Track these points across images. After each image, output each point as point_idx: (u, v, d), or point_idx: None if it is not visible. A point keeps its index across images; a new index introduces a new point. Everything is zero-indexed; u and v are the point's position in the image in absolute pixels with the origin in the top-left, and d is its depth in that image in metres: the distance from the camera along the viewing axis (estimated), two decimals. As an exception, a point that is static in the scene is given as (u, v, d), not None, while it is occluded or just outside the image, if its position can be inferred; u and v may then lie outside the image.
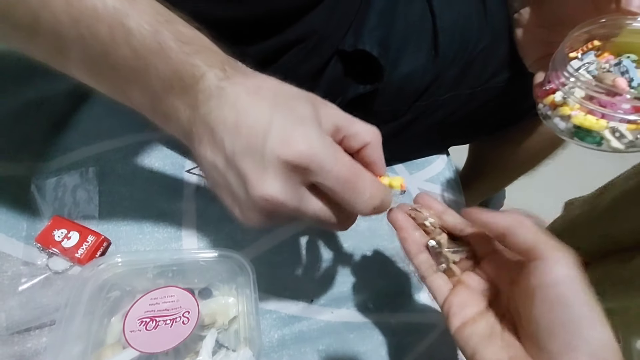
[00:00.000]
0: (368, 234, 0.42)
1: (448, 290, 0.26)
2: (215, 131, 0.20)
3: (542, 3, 0.35)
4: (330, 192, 0.21)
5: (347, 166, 0.20)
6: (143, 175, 0.41)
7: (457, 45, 0.38)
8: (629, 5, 0.26)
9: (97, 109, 0.45)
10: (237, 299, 0.35)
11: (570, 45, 0.30)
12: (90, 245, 0.34)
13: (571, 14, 0.31)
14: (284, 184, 0.20)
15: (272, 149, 0.19)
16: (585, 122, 0.27)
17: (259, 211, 0.21)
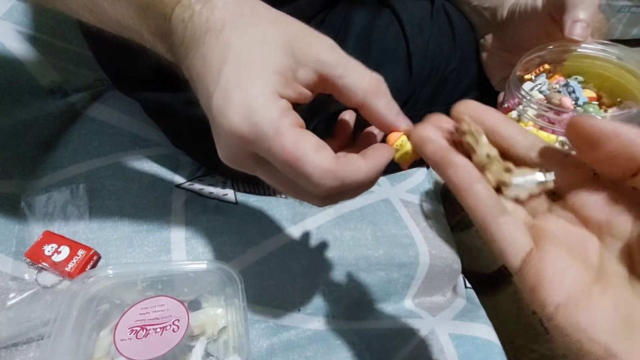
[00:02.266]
0: (352, 243, 0.44)
1: (528, 242, 0.16)
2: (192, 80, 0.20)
3: (503, 30, 0.39)
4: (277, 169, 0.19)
5: (288, 147, 0.17)
6: (133, 190, 0.42)
7: (430, 66, 0.42)
8: (572, 34, 0.29)
9: (87, 129, 0.47)
10: (226, 310, 0.36)
11: (526, 68, 0.33)
12: (81, 259, 0.34)
13: (527, 39, 0.35)
14: (231, 149, 0.19)
15: (214, 116, 0.18)
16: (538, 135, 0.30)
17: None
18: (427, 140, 0.19)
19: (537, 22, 0.34)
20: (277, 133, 0.17)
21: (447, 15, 0.44)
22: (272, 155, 0.18)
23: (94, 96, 0.49)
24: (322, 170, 0.18)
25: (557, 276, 0.15)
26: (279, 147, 0.17)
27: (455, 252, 0.48)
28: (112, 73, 0.40)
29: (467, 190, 0.17)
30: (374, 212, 0.47)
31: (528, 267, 0.16)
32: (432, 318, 0.43)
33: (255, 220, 0.43)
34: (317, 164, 0.18)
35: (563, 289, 0.15)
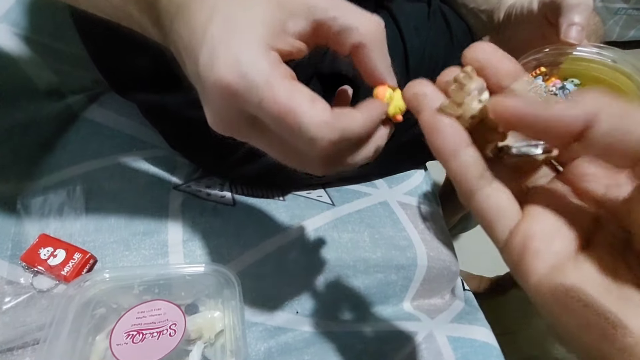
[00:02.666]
0: (350, 245, 0.44)
1: (517, 212, 0.15)
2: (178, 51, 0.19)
3: (499, 32, 0.39)
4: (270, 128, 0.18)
5: (281, 98, 0.16)
6: (130, 192, 0.42)
7: (427, 66, 0.42)
8: (567, 37, 0.30)
9: (85, 130, 0.47)
10: (224, 313, 0.36)
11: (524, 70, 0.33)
12: (77, 262, 0.34)
13: (523, 42, 0.35)
14: (220, 109, 0.18)
15: (200, 76, 0.17)
16: None
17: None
18: (418, 98, 0.17)
19: (533, 25, 0.34)
20: (267, 84, 0.16)
21: (444, 17, 0.44)
22: (264, 109, 0.16)
23: (91, 98, 0.49)
24: (318, 122, 0.16)
25: (543, 245, 0.14)
26: (270, 99, 0.16)
27: (453, 254, 0.48)
28: (109, 75, 0.40)
29: (452, 157, 0.15)
30: (372, 214, 0.47)
31: (514, 238, 0.15)
32: (430, 320, 0.43)
33: (253, 222, 0.43)
34: (312, 114, 0.16)
35: (548, 259, 0.14)
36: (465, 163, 0.15)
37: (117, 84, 0.40)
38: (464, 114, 0.15)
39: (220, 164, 0.45)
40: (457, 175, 0.15)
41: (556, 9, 0.31)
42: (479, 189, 0.15)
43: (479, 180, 0.15)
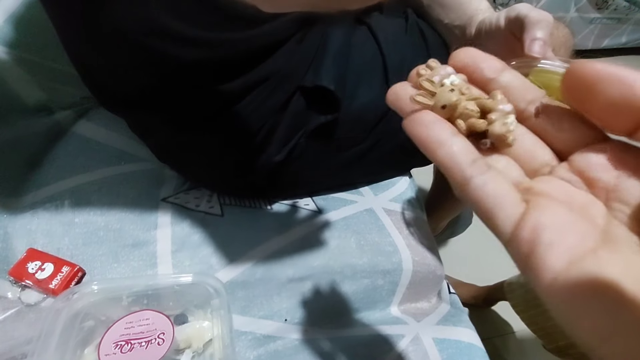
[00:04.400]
0: (337, 252, 0.45)
1: (519, 202, 0.14)
2: None
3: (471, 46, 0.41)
4: None
5: None
6: (118, 205, 0.42)
7: (406, 77, 0.44)
8: (531, 51, 0.32)
9: (73, 146, 0.47)
10: (212, 322, 0.37)
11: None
12: (65, 275, 0.34)
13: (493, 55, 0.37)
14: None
15: None
16: None
17: None
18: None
19: (501, 39, 0.36)
20: None
21: (421, 31, 0.46)
22: None
23: (79, 113, 0.50)
24: None
25: (557, 238, 0.12)
26: None
27: (437, 258, 0.50)
28: (97, 92, 0.41)
29: (439, 146, 0.14)
30: (358, 221, 0.49)
31: (522, 230, 0.13)
32: (416, 323, 0.44)
33: (241, 232, 0.44)
34: None
35: (564, 252, 0.12)
36: (454, 150, 0.14)
37: (106, 100, 0.41)
38: (436, 104, 0.15)
39: (209, 175, 0.46)
40: (447, 163, 0.14)
41: (520, 25, 0.34)
42: (473, 176, 0.14)
43: (472, 166, 0.14)
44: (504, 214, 0.14)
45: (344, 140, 0.44)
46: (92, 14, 0.30)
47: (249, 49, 0.35)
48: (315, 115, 0.41)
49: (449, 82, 0.16)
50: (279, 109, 0.39)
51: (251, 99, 0.37)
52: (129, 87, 0.36)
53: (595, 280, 0.11)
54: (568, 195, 0.14)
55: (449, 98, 0.15)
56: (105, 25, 0.31)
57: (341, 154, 0.45)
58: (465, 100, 0.15)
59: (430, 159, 0.15)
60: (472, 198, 0.14)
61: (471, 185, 0.14)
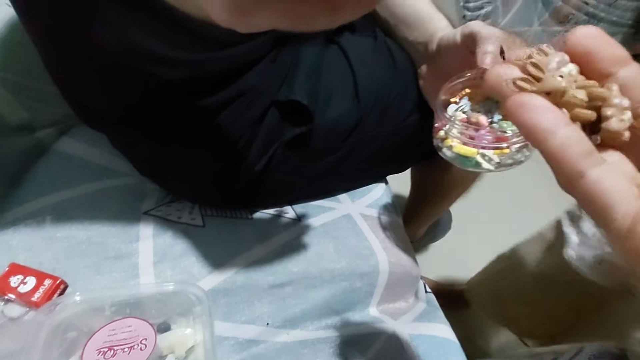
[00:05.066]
0: (316, 257, 0.47)
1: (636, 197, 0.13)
2: None
3: (433, 61, 0.45)
4: None
5: None
6: (100, 220, 0.43)
7: (375, 93, 0.47)
8: (483, 63, 0.35)
9: (55, 163, 0.48)
10: (194, 329, 0.38)
11: (451, 92, 0.39)
12: (47, 288, 0.35)
13: (452, 68, 0.40)
14: None
15: None
16: (462, 150, 0.35)
17: None
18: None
19: (458, 53, 0.40)
20: None
21: (388, 49, 0.50)
22: None
23: (62, 131, 0.51)
24: None
25: None
26: None
27: (413, 259, 0.52)
28: (79, 110, 0.42)
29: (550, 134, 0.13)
30: (336, 227, 0.51)
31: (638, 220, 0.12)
32: (393, 322, 0.46)
33: (222, 242, 0.46)
34: None
35: None
36: (567, 140, 0.13)
37: (88, 117, 0.42)
38: (540, 88, 0.14)
39: (190, 187, 0.47)
40: (558, 155, 0.13)
41: (473, 40, 0.37)
42: (587, 169, 0.13)
43: (587, 158, 0.13)
44: (620, 209, 0.13)
45: (318, 150, 0.46)
46: (72, 38, 0.32)
47: (225, 68, 0.38)
48: (290, 127, 0.43)
49: (567, 72, 0.14)
50: (256, 122, 0.42)
51: (228, 113, 0.40)
52: (110, 104, 0.38)
53: None
54: None
55: (557, 84, 0.14)
56: (85, 47, 0.33)
57: (317, 163, 0.47)
58: (575, 89, 0.14)
59: (537, 148, 0.14)
60: (585, 192, 0.13)
61: (585, 180, 0.13)
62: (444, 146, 0.38)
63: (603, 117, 0.14)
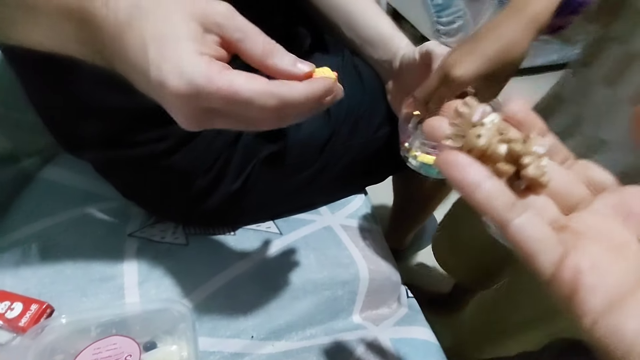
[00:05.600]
0: (298, 269, 0.48)
1: (557, 243, 0.14)
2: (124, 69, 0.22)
3: (397, 77, 0.48)
4: None
5: (223, 87, 0.20)
6: (85, 243, 0.45)
7: (345, 108, 0.50)
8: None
9: (39, 191, 0.50)
10: (179, 346, 0.39)
11: (413, 106, 0.42)
12: (34, 313, 0.36)
13: (414, 83, 0.44)
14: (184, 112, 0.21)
15: (159, 93, 0.21)
16: (425, 159, 0.38)
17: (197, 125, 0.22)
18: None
19: (418, 70, 0.43)
20: (209, 81, 0.20)
21: (355, 67, 0.53)
22: (214, 100, 0.20)
23: (46, 159, 0.53)
24: (259, 93, 0.20)
25: (597, 280, 0.13)
26: (216, 91, 0.20)
27: (392, 265, 0.54)
28: (62, 138, 0.44)
29: (476, 188, 0.14)
30: (317, 239, 0.53)
31: (562, 272, 0.14)
32: (375, 327, 0.48)
33: (205, 258, 0.47)
34: (252, 88, 0.20)
35: (604, 294, 0.13)
36: (490, 194, 0.14)
37: (70, 145, 0.44)
38: (464, 146, 0.15)
39: (172, 208, 0.49)
40: (485, 207, 0.14)
41: (429, 58, 0.41)
42: (511, 220, 0.14)
43: (510, 209, 0.14)
44: (543, 257, 0.14)
45: (294, 165, 0.49)
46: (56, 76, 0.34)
47: None
48: (265, 145, 0.46)
49: (490, 121, 0.16)
50: (232, 142, 0.44)
51: (205, 134, 0.42)
52: (92, 131, 0.40)
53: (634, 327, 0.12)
54: (603, 232, 0.15)
55: (474, 143, 0.15)
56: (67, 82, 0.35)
57: (294, 178, 0.50)
58: (497, 143, 0.15)
59: (468, 201, 0.15)
60: (511, 240, 0.15)
61: (510, 229, 0.14)
62: (410, 156, 0.41)
63: (522, 165, 0.15)
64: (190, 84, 0.20)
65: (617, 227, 0.15)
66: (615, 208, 0.15)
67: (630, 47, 0.39)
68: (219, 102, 0.20)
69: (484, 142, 0.15)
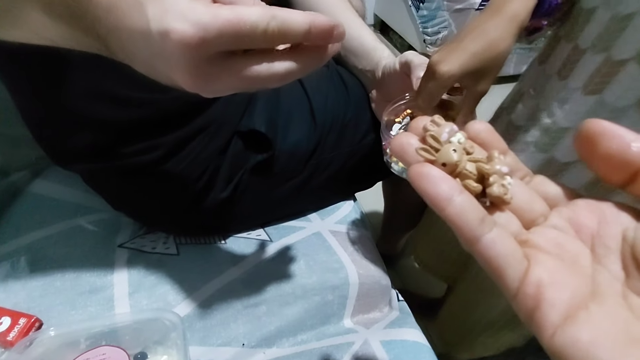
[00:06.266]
0: (288, 274, 0.49)
1: (522, 258, 0.15)
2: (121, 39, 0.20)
3: (380, 86, 0.50)
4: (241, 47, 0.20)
5: (228, 18, 0.19)
6: (75, 256, 0.45)
7: (330, 117, 0.51)
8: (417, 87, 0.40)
9: (28, 204, 0.50)
10: (170, 355, 0.39)
11: (395, 113, 0.44)
12: (22, 327, 0.36)
13: (395, 92, 0.45)
14: (191, 62, 0.19)
15: (158, 49, 0.19)
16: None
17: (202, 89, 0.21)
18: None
19: (399, 79, 0.45)
20: (214, 16, 0.19)
21: (340, 76, 0.55)
22: (224, 34, 0.19)
23: (35, 173, 0.53)
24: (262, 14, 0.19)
25: (556, 294, 0.14)
26: (222, 24, 0.19)
27: (382, 269, 0.55)
28: (51, 151, 0.44)
29: (447, 203, 0.15)
30: (307, 245, 0.53)
31: (526, 287, 0.14)
32: (366, 330, 0.48)
33: (196, 267, 0.47)
34: (255, 12, 0.19)
35: (562, 308, 0.13)
36: (463, 208, 0.15)
37: (59, 158, 0.44)
38: (438, 160, 0.16)
39: (162, 218, 0.49)
40: (456, 222, 0.15)
41: (408, 67, 0.42)
42: (482, 235, 0.15)
43: (480, 225, 0.15)
44: (511, 272, 0.14)
45: (282, 174, 0.50)
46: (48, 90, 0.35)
47: (187, 104, 0.41)
48: (253, 154, 0.47)
49: (456, 140, 0.17)
50: (220, 152, 0.45)
51: (194, 145, 0.43)
52: (82, 143, 0.40)
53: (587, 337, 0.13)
54: (559, 246, 0.15)
55: (450, 158, 0.16)
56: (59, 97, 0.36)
57: (282, 187, 0.51)
58: (467, 161, 0.16)
59: (439, 214, 0.15)
60: (481, 256, 0.15)
61: (480, 245, 0.15)
62: (392, 161, 0.42)
63: (488, 183, 0.16)
64: (196, 24, 0.18)
65: (571, 240, 0.16)
66: (569, 221, 0.16)
67: (578, 43, 0.42)
68: (229, 36, 0.19)
69: (457, 157, 0.16)
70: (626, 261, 0.15)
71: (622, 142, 0.14)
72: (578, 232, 0.16)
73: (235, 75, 0.21)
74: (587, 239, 0.16)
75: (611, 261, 0.15)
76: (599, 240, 0.16)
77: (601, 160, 0.15)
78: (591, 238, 0.16)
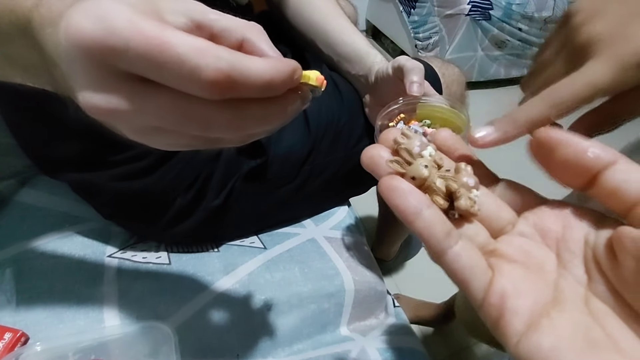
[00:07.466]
0: (283, 283, 0.48)
1: (487, 269, 0.15)
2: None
3: (374, 90, 0.50)
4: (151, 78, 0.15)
5: (148, 31, 0.14)
6: (62, 266, 0.44)
7: (324, 122, 0.51)
8: (411, 91, 0.40)
9: (15, 214, 0.48)
10: (162, 368, 0.38)
11: (389, 117, 0.43)
12: (7, 342, 0.35)
13: (388, 96, 0.45)
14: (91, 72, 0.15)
15: (63, 52, 0.15)
16: None
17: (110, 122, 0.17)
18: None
19: (391, 83, 0.45)
20: (131, 23, 0.14)
21: (334, 81, 0.54)
22: (132, 49, 0.14)
23: (22, 182, 0.52)
24: (198, 48, 0.15)
25: (519, 302, 0.14)
26: (137, 35, 0.14)
27: (377, 275, 0.54)
28: (38, 160, 0.43)
29: (416, 216, 0.15)
30: (301, 252, 0.53)
31: (490, 297, 0.15)
32: (363, 338, 0.47)
33: (188, 277, 0.46)
34: (188, 41, 0.15)
35: (525, 315, 0.14)
36: (430, 222, 0.15)
37: (47, 167, 0.43)
38: (408, 173, 0.16)
39: (154, 227, 0.48)
40: (423, 235, 0.15)
41: (401, 72, 0.42)
42: (448, 248, 0.15)
43: (447, 238, 0.15)
44: (476, 283, 0.15)
45: (276, 180, 0.49)
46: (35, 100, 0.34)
47: None
48: (246, 160, 0.46)
49: (427, 154, 0.17)
50: (212, 158, 0.44)
51: (185, 152, 0.42)
52: (70, 151, 0.39)
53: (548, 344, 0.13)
54: (526, 253, 0.16)
55: (421, 173, 0.16)
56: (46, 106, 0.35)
57: (276, 193, 0.50)
58: (436, 176, 0.16)
59: (408, 227, 0.15)
60: (447, 269, 0.15)
61: (446, 257, 0.15)
62: None
63: (455, 197, 0.16)
64: (101, 23, 0.14)
65: (537, 246, 0.16)
66: (535, 227, 0.17)
67: None
68: (139, 56, 0.14)
69: (427, 173, 0.16)
70: (588, 265, 0.15)
71: (578, 149, 0.15)
72: (544, 238, 0.17)
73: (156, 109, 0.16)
74: (553, 243, 0.16)
75: (575, 265, 0.15)
76: (564, 245, 0.16)
77: (559, 166, 0.15)
78: (556, 243, 0.16)
